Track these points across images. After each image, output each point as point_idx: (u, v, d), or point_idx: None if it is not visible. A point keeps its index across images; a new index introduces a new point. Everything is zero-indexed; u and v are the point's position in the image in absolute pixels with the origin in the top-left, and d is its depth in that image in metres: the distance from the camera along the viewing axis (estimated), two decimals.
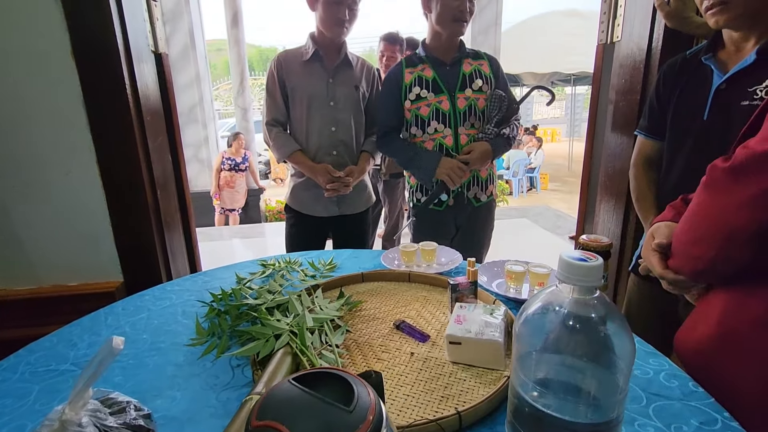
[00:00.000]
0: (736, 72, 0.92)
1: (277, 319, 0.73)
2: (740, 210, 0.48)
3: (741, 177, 0.48)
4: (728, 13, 0.88)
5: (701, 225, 0.55)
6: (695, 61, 1.03)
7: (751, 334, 0.56)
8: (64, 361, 0.77)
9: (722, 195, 0.51)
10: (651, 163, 1.14)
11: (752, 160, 0.47)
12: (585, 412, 0.33)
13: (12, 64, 1.00)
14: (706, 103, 0.97)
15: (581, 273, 0.32)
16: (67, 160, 1.08)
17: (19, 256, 1.12)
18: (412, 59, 1.54)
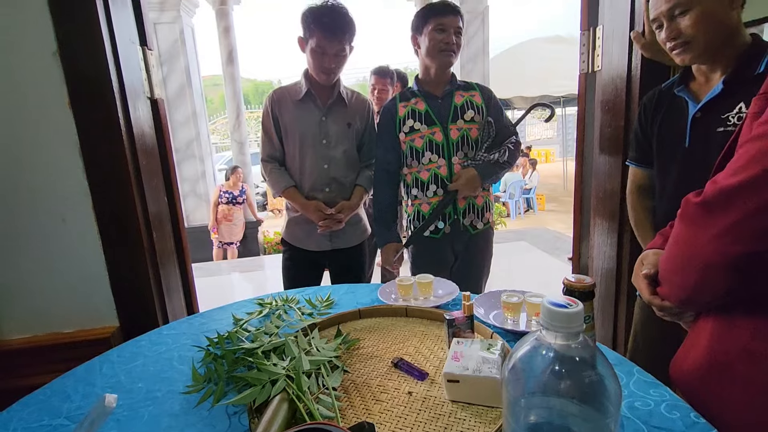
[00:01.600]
0: (708, 101, 0.97)
1: (273, 363, 0.72)
2: (711, 243, 0.50)
3: (710, 212, 0.50)
4: (691, 52, 0.96)
5: (679, 256, 0.56)
6: (670, 92, 1.08)
7: (737, 363, 0.56)
8: (57, 415, 0.75)
9: (695, 228, 0.52)
10: (644, 190, 1.19)
11: (719, 196, 0.49)
12: None
13: (8, 114, 1.03)
14: (686, 132, 1.01)
15: (563, 320, 0.33)
16: (62, 208, 1.09)
17: (14, 305, 1.12)
18: (405, 94, 1.60)
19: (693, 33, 0.94)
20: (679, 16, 0.95)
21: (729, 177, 0.49)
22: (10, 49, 1.00)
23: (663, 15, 0.97)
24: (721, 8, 0.92)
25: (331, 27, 1.47)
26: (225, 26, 5.61)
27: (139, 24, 1.24)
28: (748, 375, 0.55)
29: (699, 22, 0.93)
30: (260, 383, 0.67)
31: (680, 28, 0.95)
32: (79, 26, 1.01)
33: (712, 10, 0.92)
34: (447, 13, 1.45)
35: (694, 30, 0.94)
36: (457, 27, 1.47)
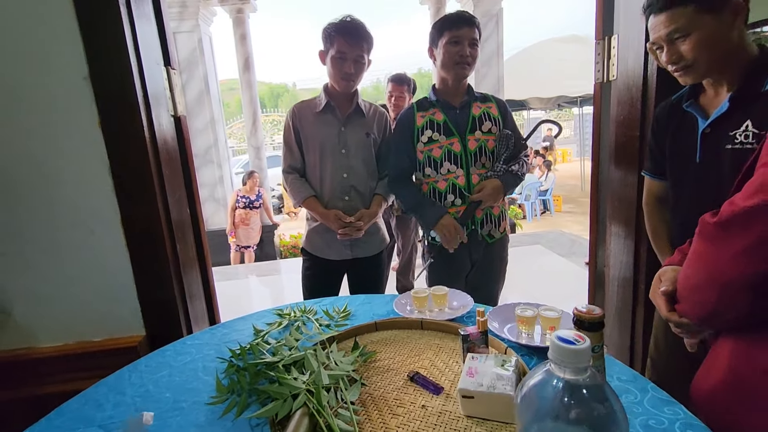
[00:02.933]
0: (716, 118, 0.97)
1: (294, 377, 0.75)
2: (730, 262, 0.50)
3: (728, 232, 0.51)
4: (693, 74, 0.97)
5: (700, 273, 0.57)
6: (680, 106, 1.08)
7: (760, 384, 0.56)
8: (91, 423, 0.80)
9: (714, 247, 0.53)
10: (661, 201, 1.18)
11: (737, 217, 0.49)
12: None
13: (42, 133, 1.09)
14: (696, 146, 1.01)
15: (571, 356, 0.35)
16: (91, 220, 1.15)
17: (46, 315, 1.18)
18: (423, 103, 1.62)
19: (693, 57, 0.95)
20: (679, 41, 0.95)
21: (746, 199, 0.49)
22: (46, 72, 1.06)
23: (662, 39, 0.97)
24: (721, 31, 0.92)
25: (352, 33, 1.54)
26: (241, 34, 5.72)
27: (163, 44, 1.29)
28: (761, 392, 0.56)
29: (698, 47, 0.93)
30: (282, 397, 0.70)
31: (680, 52, 0.96)
32: (108, 51, 1.06)
33: (712, 33, 0.92)
34: (461, 26, 1.47)
35: (694, 54, 0.94)
36: (471, 39, 1.48)
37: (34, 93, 1.06)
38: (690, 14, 0.93)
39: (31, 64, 1.04)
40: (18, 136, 1.07)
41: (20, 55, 1.04)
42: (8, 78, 1.05)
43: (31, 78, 1.05)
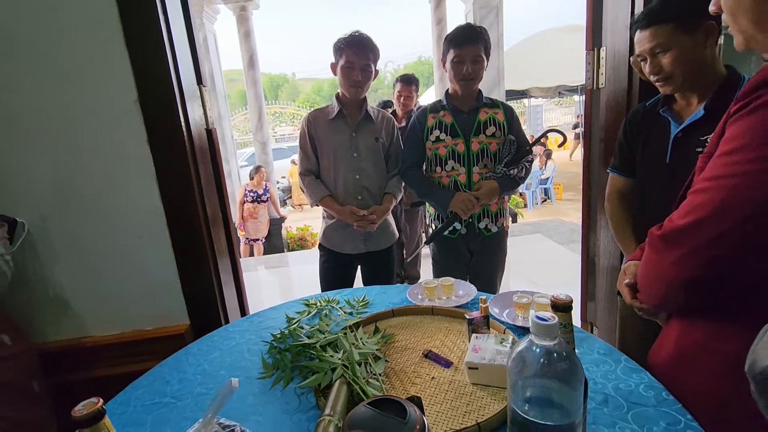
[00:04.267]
0: (689, 124, 1.12)
1: (330, 354, 0.92)
2: (669, 267, 0.66)
3: (667, 244, 0.66)
4: (672, 84, 1.13)
5: (650, 273, 0.72)
6: (654, 111, 1.23)
7: (695, 355, 0.73)
8: (164, 395, 0.97)
9: (658, 255, 0.68)
10: (624, 197, 1.35)
11: (673, 233, 0.65)
12: (556, 416, 0.51)
13: (97, 150, 1.25)
14: (667, 148, 1.17)
15: (545, 329, 0.50)
16: (140, 226, 1.31)
17: (105, 308, 1.36)
18: (435, 106, 1.80)
19: (672, 70, 1.11)
20: (660, 54, 1.11)
21: (680, 218, 0.64)
22: (103, 97, 1.21)
23: (646, 52, 1.13)
24: (695, 48, 1.08)
25: (359, 45, 1.69)
26: (245, 31, 5.82)
27: (195, 64, 1.44)
28: (703, 364, 0.72)
29: (676, 61, 1.09)
30: (323, 370, 0.87)
31: (661, 64, 1.12)
32: (154, 76, 1.21)
33: (687, 50, 1.08)
34: (464, 45, 1.60)
35: (672, 67, 1.10)
36: (474, 57, 1.61)
37: (93, 116, 1.21)
38: (670, 32, 1.09)
39: (89, 90, 1.20)
40: (78, 154, 1.23)
41: (80, 83, 1.19)
42: (70, 103, 1.20)
43: (90, 103, 1.21)
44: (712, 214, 0.59)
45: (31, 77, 1.17)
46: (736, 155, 0.57)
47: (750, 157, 0.56)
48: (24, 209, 1.24)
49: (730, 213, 0.57)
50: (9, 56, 1.15)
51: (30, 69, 1.17)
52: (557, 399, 0.52)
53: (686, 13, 1.07)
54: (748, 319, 0.65)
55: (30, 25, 1.15)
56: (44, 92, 1.18)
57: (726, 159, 0.59)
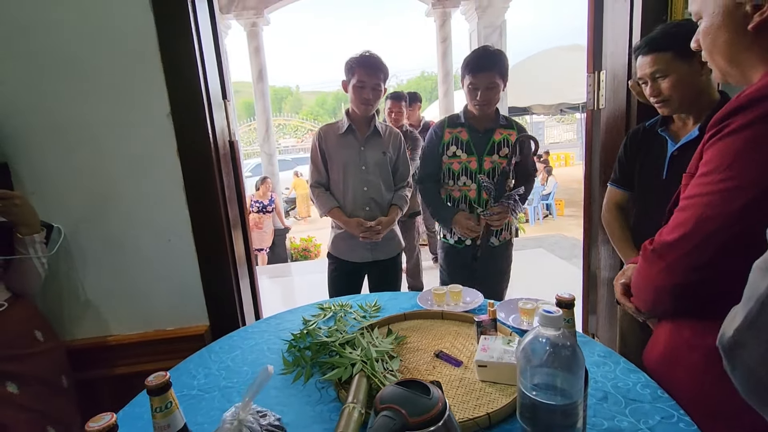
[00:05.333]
0: (685, 143, 1.22)
1: (349, 352, 0.99)
2: (658, 276, 0.74)
3: (657, 255, 0.74)
4: (669, 107, 1.23)
5: (641, 281, 0.81)
6: (653, 130, 1.33)
7: (681, 352, 0.80)
8: (191, 388, 1.03)
9: (649, 265, 0.77)
10: (621, 208, 1.45)
11: (662, 246, 0.73)
12: (560, 398, 0.58)
13: (132, 161, 1.34)
14: (664, 165, 1.26)
15: (549, 321, 0.58)
16: (169, 231, 1.39)
17: (132, 309, 1.43)
18: (453, 121, 1.88)
19: (670, 93, 1.21)
20: (660, 79, 1.22)
21: (668, 234, 0.72)
22: (138, 110, 1.31)
23: (647, 76, 1.23)
24: (692, 74, 1.18)
25: (370, 65, 1.79)
26: (255, 46, 5.99)
27: (221, 79, 1.54)
28: (689, 361, 0.79)
29: (674, 86, 1.20)
30: (343, 365, 0.94)
31: (660, 88, 1.22)
32: (186, 91, 1.31)
33: (684, 76, 1.19)
34: (477, 72, 1.69)
35: (670, 91, 1.21)
36: (488, 84, 1.69)
37: (128, 128, 1.31)
38: (669, 59, 1.20)
39: (126, 104, 1.30)
40: (114, 163, 1.33)
41: (118, 97, 1.29)
42: (108, 116, 1.30)
43: (126, 116, 1.30)
44: (692, 228, 0.68)
45: (76, 92, 1.27)
46: (709, 177, 0.66)
47: (718, 179, 0.65)
48: (62, 215, 1.32)
49: (705, 226, 0.66)
50: (59, 72, 1.25)
51: (75, 84, 1.27)
52: (561, 382, 0.59)
53: (684, 42, 1.17)
54: None
55: (76, 44, 1.25)
56: (87, 106, 1.28)
57: (702, 179, 0.68)
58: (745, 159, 0.62)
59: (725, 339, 0.44)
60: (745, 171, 0.62)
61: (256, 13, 5.86)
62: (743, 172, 0.62)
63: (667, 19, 1.43)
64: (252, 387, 0.72)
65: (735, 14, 0.66)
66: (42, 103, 1.27)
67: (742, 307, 0.43)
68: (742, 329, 0.42)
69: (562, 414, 0.58)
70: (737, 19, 0.66)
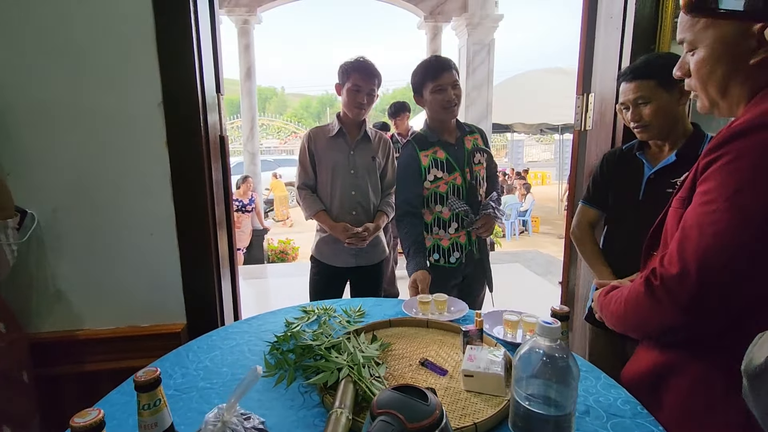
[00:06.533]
0: (662, 167, 1.29)
1: (335, 356, 0.97)
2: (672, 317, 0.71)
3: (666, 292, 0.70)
4: (649, 132, 1.31)
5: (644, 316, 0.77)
6: (630, 153, 1.42)
7: (669, 376, 0.83)
8: (167, 388, 0.99)
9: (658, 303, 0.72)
10: (592, 227, 1.52)
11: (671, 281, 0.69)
12: (552, 409, 0.58)
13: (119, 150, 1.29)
14: (640, 187, 1.33)
15: (548, 331, 0.58)
16: (152, 224, 1.35)
17: (105, 303, 1.37)
18: (422, 142, 1.73)
19: (650, 120, 1.29)
20: (642, 105, 1.29)
21: (672, 266, 0.69)
22: (128, 97, 1.26)
23: (630, 102, 1.32)
24: (671, 103, 1.27)
25: (366, 70, 1.80)
26: (245, 44, 5.93)
27: (216, 73, 1.51)
28: (677, 385, 0.82)
29: (655, 112, 1.27)
30: (330, 369, 0.92)
31: (642, 114, 1.30)
32: (180, 82, 1.28)
33: (665, 104, 1.27)
34: (441, 72, 1.61)
35: (651, 117, 1.28)
36: (453, 82, 1.62)
37: (116, 115, 1.27)
38: (652, 87, 1.28)
39: (116, 90, 1.26)
40: (98, 150, 1.28)
41: (107, 82, 1.25)
42: (96, 101, 1.25)
43: (115, 102, 1.26)
44: (703, 262, 0.65)
45: (63, 72, 1.22)
46: (713, 205, 0.65)
47: (723, 207, 0.63)
48: (38, 200, 1.26)
49: (717, 259, 0.64)
50: (45, 50, 1.19)
51: (63, 64, 1.21)
52: (555, 394, 0.60)
53: (667, 72, 1.23)
54: (712, 345, 0.75)
55: (66, 22, 1.20)
56: (74, 87, 1.23)
57: (705, 208, 0.67)
58: (748, 189, 0.62)
59: (754, 365, 0.43)
60: (750, 201, 0.62)
61: (249, 11, 5.80)
62: (748, 202, 0.62)
63: (655, 49, 1.50)
64: (238, 388, 0.70)
65: (737, 48, 0.67)
66: (25, 81, 1.21)
67: None
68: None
69: (555, 425, 0.59)
70: (739, 52, 0.67)
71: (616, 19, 1.54)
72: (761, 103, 0.65)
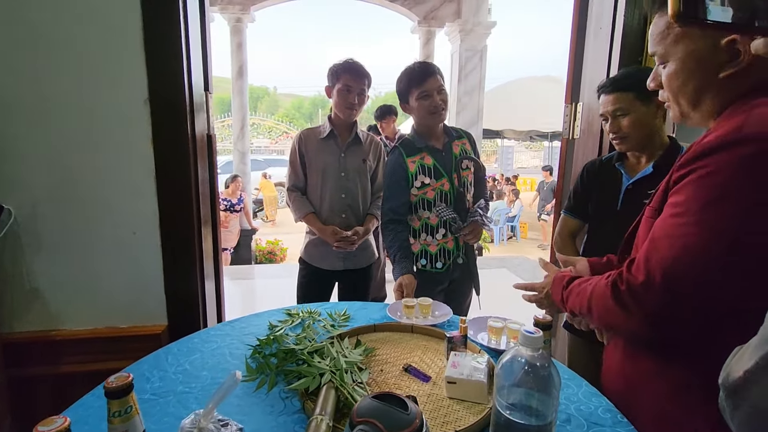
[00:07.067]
0: (639, 178, 1.33)
1: (317, 361, 0.96)
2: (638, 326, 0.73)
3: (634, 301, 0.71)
4: (627, 144, 1.35)
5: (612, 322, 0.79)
6: (610, 164, 1.45)
7: (645, 380, 0.84)
8: (144, 392, 0.97)
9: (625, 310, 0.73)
10: (573, 236, 1.56)
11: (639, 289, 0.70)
12: (533, 419, 0.58)
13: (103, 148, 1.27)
14: (619, 198, 1.35)
15: (530, 341, 0.58)
16: (135, 223, 1.32)
17: (83, 302, 1.33)
18: (409, 148, 1.70)
19: (628, 131, 1.32)
20: (620, 117, 1.33)
21: (641, 274, 0.70)
22: (113, 92, 1.24)
23: (608, 113, 1.35)
24: (648, 116, 1.30)
25: (356, 71, 1.80)
26: (238, 42, 5.88)
27: (205, 71, 1.49)
28: (653, 389, 0.82)
29: (633, 124, 1.31)
30: (312, 375, 0.90)
31: (621, 125, 1.33)
32: (167, 79, 1.26)
33: (642, 116, 1.30)
34: (426, 78, 1.59)
35: (629, 129, 1.32)
36: (438, 87, 1.60)
37: (101, 110, 1.24)
38: (630, 99, 1.31)
39: (100, 84, 1.23)
40: (81, 145, 1.24)
41: (92, 76, 1.22)
42: (79, 94, 1.22)
43: (99, 97, 1.23)
44: (671, 273, 0.66)
45: (45, 62, 1.18)
46: (683, 218, 0.66)
47: (693, 221, 0.65)
48: (17, 196, 1.22)
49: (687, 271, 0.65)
50: (25, 39, 1.16)
51: (44, 54, 1.18)
52: (536, 403, 0.59)
53: (645, 85, 1.26)
54: (689, 352, 0.76)
55: (48, 9, 1.17)
56: (56, 80, 1.20)
57: (676, 220, 0.68)
58: (718, 204, 0.63)
59: (731, 379, 0.43)
60: (719, 215, 0.63)
61: (242, 9, 5.76)
62: (717, 217, 0.63)
63: (642, 62, 1.52)
64: (217, 393, 0.68)
65: (708, 61, 0.69)
66: (5, 74, 1.18)
67: (757, 348, 0.41)
68: (756, 370, 0.41)
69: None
70: (709, 66, 0.69)
71: (605, 31, 1.56)
72: (731, 118, 0.66)
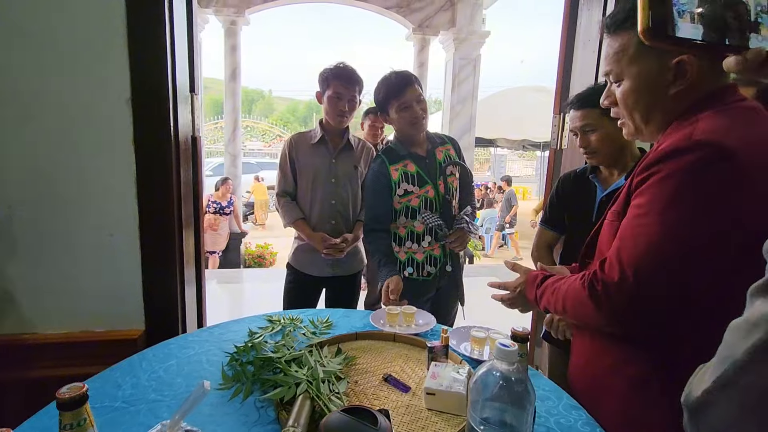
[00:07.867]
0: (612, 190, 1.35)
1: (295, 370, 0.94)
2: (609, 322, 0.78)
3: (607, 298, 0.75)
4: (596, 158, 1.38)
5: (585, 319, 0.83)
6: (584, 176, 1.47)
7: (607, 379, 0.87)
8: (115, 399, 0.94)
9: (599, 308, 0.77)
10: (550, 248, 1.58)
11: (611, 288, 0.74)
12: None
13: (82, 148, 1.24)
14: (593, 210, 1.37)
15: (506, 355, 0.57)
16: (112, 225, 1.29)
17: (58, 305, 1.29)
18: (392, 156, 1.68)
19: (597, 146, 1.35)
20: (589, 132, 1.36)
21: (615, 273, 0.74)
22: (93, 91, 1.21)
23: (577, 129, 1.38)
24: (617, 131, 1.28)
25: (347, 77, 1.78)
26: (232, 44, 5.86)
27: (191, 72, 1.47)
28: (614, 388, 0.85)
29: (601, 140, 1.34)
30: (287, 384, 0.88)
31: (589, 140, 1.36)
32: (151, 79, 1.24)
33: (610, 132, 1.32)
34: (404, 89, 1.57)
35: (598, 144, 1.34)
36: (417, 97, 1.59)
37: (80, 108, 1.21)
38: (597, 115, 1.33)
39: (80, 82, 1.20)
40: (58, 143, 1.21)
41: (72, 73, 1.19)
42: (57, 92, 1.19)
43: (79, 95, 1.20)
44: (640, 270, 0.71)
45: (22, 58, 1.15)
46: (646, 219, 0.71)
47: (654, 221, 0.70)
48: None
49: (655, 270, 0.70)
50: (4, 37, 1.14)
51: (21, 49, 1.15)
52: (510, 418, 0.58)
53: None
54: (648, 347, 0.79)
55: (30, 9, 1.14)
56: (33, 78, 1.17)
57: (639, 221, 0.73)
58: (676, 204, 0.68)
59: (692, 398, 0.44)
60: (678, 214, 0.68)
61: (237, 12, 5.74)
62: (676, 216, 0.68)
63: None
64: (184, 404, 0.66)
65: (658, 80, 0.75)
66: None
67: (715, 369, 0.42)
68: (713, 391, 0.41)
69: None
70: (659, 84, 0.75)
71: (593, 43, 1.58)
72: (678, 130, 0.72)
